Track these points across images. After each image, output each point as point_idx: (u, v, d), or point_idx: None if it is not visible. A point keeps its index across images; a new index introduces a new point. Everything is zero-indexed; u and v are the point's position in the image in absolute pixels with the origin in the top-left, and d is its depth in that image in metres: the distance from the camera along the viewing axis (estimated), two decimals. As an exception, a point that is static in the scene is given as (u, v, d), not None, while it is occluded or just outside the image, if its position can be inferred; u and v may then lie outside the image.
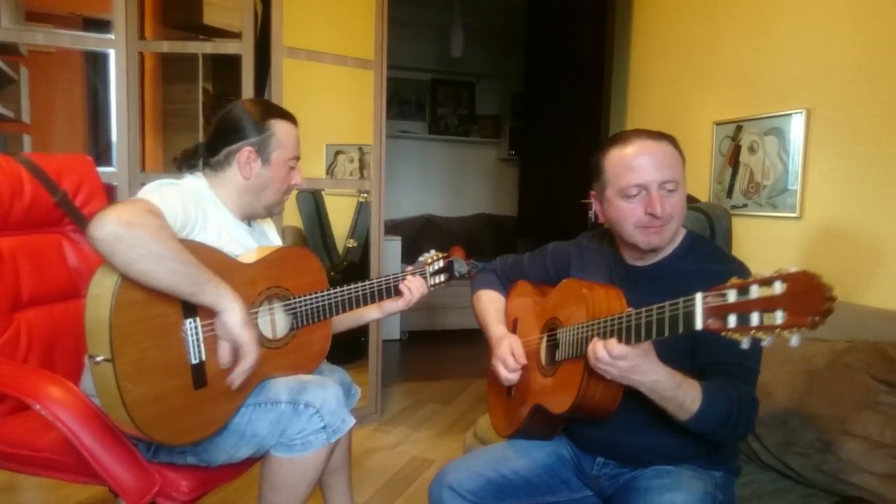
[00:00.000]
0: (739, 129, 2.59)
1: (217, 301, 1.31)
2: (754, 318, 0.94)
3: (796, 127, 2.31)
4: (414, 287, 1.72)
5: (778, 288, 0.92)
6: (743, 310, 0.96)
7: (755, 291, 0.95)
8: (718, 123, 2.70)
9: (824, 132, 2.22)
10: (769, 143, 2.44)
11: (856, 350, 1.67)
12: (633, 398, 1.23)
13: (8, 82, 3.15)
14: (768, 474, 1.69)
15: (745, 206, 2.56)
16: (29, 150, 3.24)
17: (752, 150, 2.53)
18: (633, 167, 1.31)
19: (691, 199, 2.67)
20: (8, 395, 1.58)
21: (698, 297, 1.02)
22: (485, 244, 5.89)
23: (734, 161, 2.62)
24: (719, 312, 0.99)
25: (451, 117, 6.34)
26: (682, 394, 1.17)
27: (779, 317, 0.91)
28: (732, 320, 0.97)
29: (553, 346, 1.41)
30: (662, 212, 1.28)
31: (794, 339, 0.90)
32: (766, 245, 2.46)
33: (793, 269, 0.92)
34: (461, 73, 6.20)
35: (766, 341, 0.93)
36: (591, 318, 1.27)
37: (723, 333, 0.98)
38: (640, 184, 1.30)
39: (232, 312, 1.32)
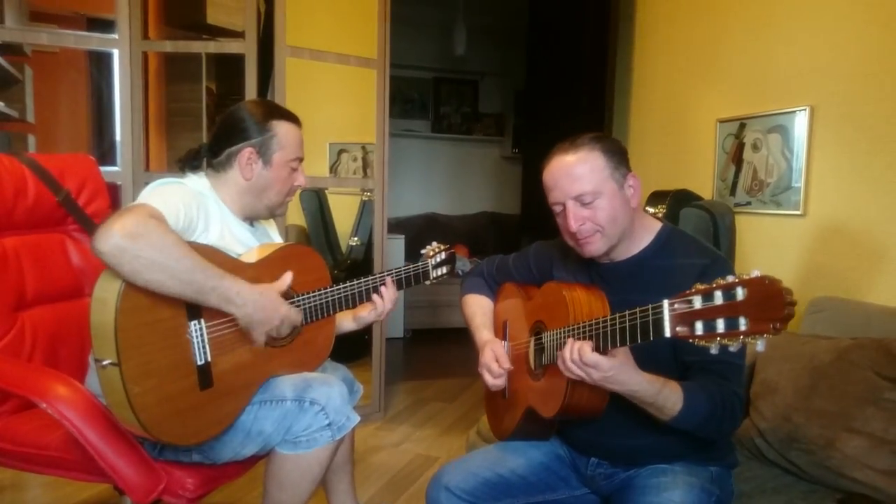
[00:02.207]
0: (743, 126, 2.59)
1: (223, 307, 1.33)
2: (720, 325, 0.94)
3: (800, 124, 2.30)
4: (387, 297, 1.69)
5: (739, 294, 0.92)
6: (708, 316, 0.95)
7: (719, 297, 0.94)
8: (722, 121, 2.70)
9: (828, 129, 2.21)
10: (773, 141, 2.43)
11: (860, 347, 1.67)
12: (623, 399, 1.23)
13: (12, 82, 3.16)
14: (771, 470, 1.69)
15: (748, 203, 2.56)
16: (33, 150, 3.25)
17: (755, 147, 2.53)
18: (549, 186, 1.35)
19: (694, 197, 2.67)
20: (14, 393, 1.59)
21: (665, 304, 1.02)
22: (488, 242, 5.89)
23: (737, 159, 2.61)
24: (686, 319, 0.99)
25: (454, 115, 6.34)
26: (661, 399, 1.18)
27: (742, 323, 0.91)
28: (699, 327, 0.96)
29: (540, 349, 1.42)
30: (575, 227, 1.30)
31: (760, 345, 0.90)
32: (769, 243, 2.46)
33: (753, 274, 0.92)
34: (464, 71, 6.20)
35: (734, 347, 0.93)
36: (574, 321, 1.27)
37: (691, 340, 0.98)
38: (557, 202, 1.34)
39: (241, 318, 1.36)
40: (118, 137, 2.70)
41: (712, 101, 2.80)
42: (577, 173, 1.30)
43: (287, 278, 1.48)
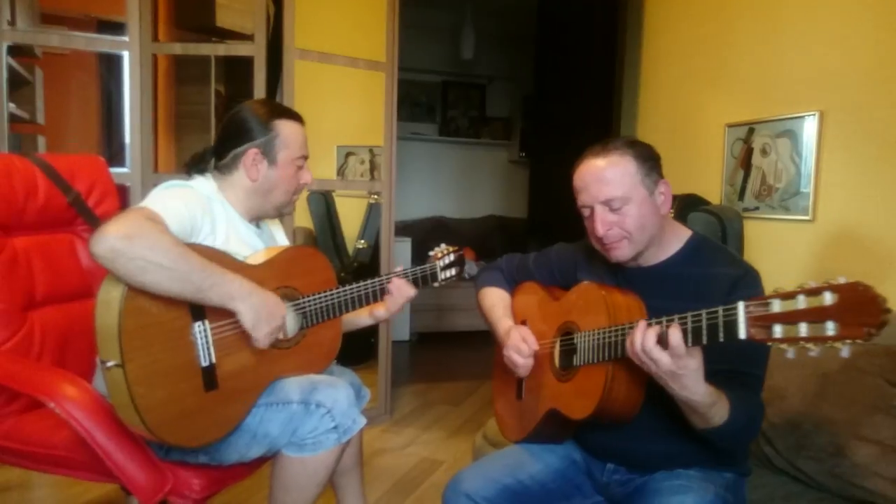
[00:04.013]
0: (751, 131, 2.58)
1: (226, 304, 1.33)
2: (803, 329, 0.94)
3: (809, 129, 2.30)
4: (403, 292, 1.69)
5: (828, 299, 0.92)
6: (789, 320, 0.95)
7: (802, 301, 0.94)
8: (730, 125, 2.69)
9: (837, 134, 2.20)
10: (782, 146, 2.43)
11: (869, 354, 1.66)
12: (646, 404, 1.22)
13: (23, 84, 3.18)
14: (779, 478, 1.68)
15: (757, 208, 2.55)
16: (43, 151, 3.27)
17: (764, 152, 2.52)
18: (578, 188, 1.35)
19: (702, 202, 2.66)
20: (22, 392, 1.60)
21: (740, 305, 1.01)
22: (495, 246, 5.88)
23: (746, 163, 2.60)
24: (763, 322, 0.98)
25: (461, 119, 6.34)
26: (713, 411, 1.16)
27: (830, 328, 0.91)
28: (778, 330, 0.96)
29: (569, 350, 1.40)
30: (603, 231, 1.30)
31: (845, 351, 0.90)
32: (778, 248, 2.45)
33: (842, 280, 0.92)
34: (472, 74, 6.21)
35: (815, 352, 0.93)
36: (612, 323, 1.25)
37: (768, 343, 0.98)
38: (585, 205, 1.34)
39: (243, 314, 1.34)
40: (127, 139, 2.72)
41: (721, 105, 2.79)
42: (607, 178, 1.29)
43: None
